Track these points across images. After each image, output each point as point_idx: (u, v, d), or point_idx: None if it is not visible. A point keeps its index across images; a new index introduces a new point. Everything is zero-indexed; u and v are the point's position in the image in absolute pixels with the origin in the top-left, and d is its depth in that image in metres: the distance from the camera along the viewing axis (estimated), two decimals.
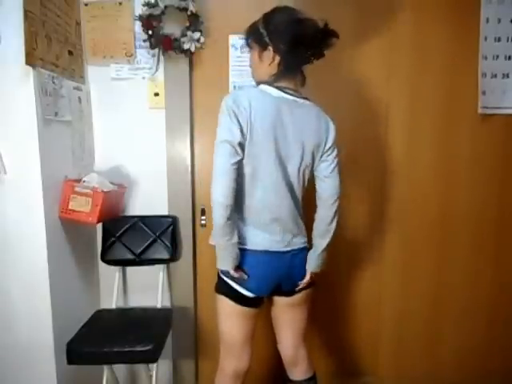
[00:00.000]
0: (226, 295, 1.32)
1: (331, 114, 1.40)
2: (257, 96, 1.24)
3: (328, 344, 2.00)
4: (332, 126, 1.35)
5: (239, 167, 1.21)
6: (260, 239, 1.28)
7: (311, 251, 1.39)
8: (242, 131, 1.19)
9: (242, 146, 1.20)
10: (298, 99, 1.29)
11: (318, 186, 1.38)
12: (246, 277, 1.27)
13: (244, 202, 1.27)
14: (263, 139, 1.22)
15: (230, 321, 1.34)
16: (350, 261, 1.93)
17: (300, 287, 1.37)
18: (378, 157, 1.87)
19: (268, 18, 1.28)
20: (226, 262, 1.25)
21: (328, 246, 1.38)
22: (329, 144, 1.34)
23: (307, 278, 1.37)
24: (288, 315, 1.42)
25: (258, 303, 1.33)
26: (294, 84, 1.30)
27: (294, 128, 1.26)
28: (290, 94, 1.28)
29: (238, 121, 1.19)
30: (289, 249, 1.32)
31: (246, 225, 1.29)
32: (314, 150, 1.31)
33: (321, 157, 1.34)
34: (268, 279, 1.30)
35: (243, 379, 1.40)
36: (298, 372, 1.46)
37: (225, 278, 1.31)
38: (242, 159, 1.21)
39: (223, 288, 1.32)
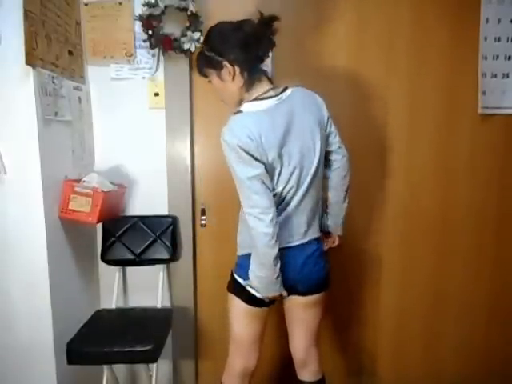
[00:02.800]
0: (238, 295, 1.31)
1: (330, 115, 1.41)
2: (250, 120, 1.19)
3: (327, 344, 1.99)
4: (319, 98, 1.34)
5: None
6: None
7: (334, 217, 1.48)
8: (259, 160, 1.17)
9: (267, 171, 1.18)
10: (280, 96, 1.25)
11: (332, 158, 1.40)
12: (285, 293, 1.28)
13: None
14: (277, 155, 1.19)
15: (241, 320, 1.34)
16: (349, 260, 1.93)
17: (328, 242, 1.48)
18: (377, 157, 1.87)
19: (207, 39, 1.30)
20: (277, 287, 1.23)
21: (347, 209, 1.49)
22: (326, 116, 1.34)
23: (336, 241, 1.51)
24: (302, 315, 1.41)
25: (270, 303, 1.32)
26: (267, 84, 1.28)
27: (296, 127, 1.24)
28: (272, 97, 1.24)
29: (250, 153, 1.15)
30: (304, 241, 1.30)
31: None
32: (320, 130, 1.29)
33: (325, 131, 1.34)
34: (284, 279, 1.26)
35: (250, 378, 1.41)
36: (307, 373, 1.46)
37: (238, 279, 1.31)
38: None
39: (236, 288, 1.32)
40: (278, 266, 1.20)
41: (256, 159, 1.16)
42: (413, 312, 1.97)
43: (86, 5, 1.74)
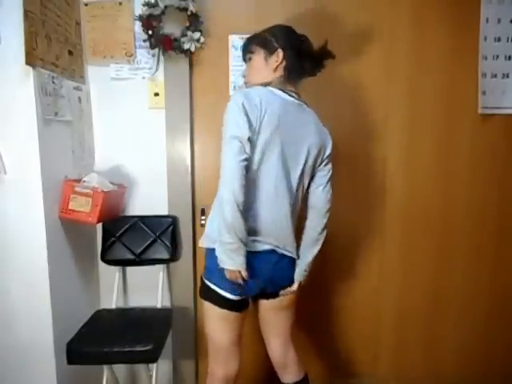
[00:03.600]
0: (211, 301, 1.29)
1: (330, 114, 1.42)
2: (267, 95, 1.24)
3: (328, 344, 1.99)
4: (329, 136, 1.39)
5: (247, 165, 1.19)
6: (250, 240, 1.25)
7: (300, 260, 1.39)
8: (251, 127, 1.18)
9: (250, 141, 1.18)
10: (301, 103, 1.32)
11: (311, 195, 1.39)
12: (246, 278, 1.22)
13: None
14: (270, 139, 1.21)
15: (217, 325, 1.32)
16: (349, 261, 1.93)
17: (284, 293, 1.36)
18: (377, 157, 1.87)
19: (273, 29, 1.34)
20: (236, 261, 1.18)
21: (317, 254, 1.39)
22: (327, 152, 1.37)
23: (295, 286, 1.37)
24: (274, 318, 1.42)
25: (243, 306, 1.32)
26: (296, 90, 1.34)
27: (300, 131, 1.28)
28: (296, 98, 1.31)
29: (248, 117, 1.18)
30: (278, 251, 1.30)
31: None
32: (316, 154, 1.32)
33: (319, 164, 1.36)
34: (252, 281, 1.26)
35: (235, 382, 1.39)
36: (288, 375, 1.45)
37: (208, 283, 1.29)
38: (250, 157, 1.19)
39: (208, 293, 1.30)
40: (241, 239, 1.17)
41: (250, 125, 1.18)
42: (413, 313, 1.97)
43: (86, 5, 1.74)
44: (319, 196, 1.38)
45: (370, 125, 1.86)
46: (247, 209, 1.22)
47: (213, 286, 1.28)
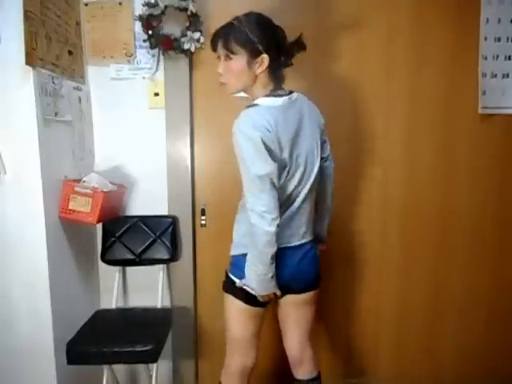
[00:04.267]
0: (235, 295, 1.31)
1: (330, 114, 1.41)
2: (267, 112, 1.20)
3: (328, 343, 2.00)
4: (318, 110, 1.40)
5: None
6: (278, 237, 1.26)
7: (322, 225, 1.50)
8: (274, 157, 1.17)
9: (278, 169, 1.19)
10: (290, 96, 1.28)
11: (325, 164, 1.43)
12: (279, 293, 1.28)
13: None
14: (288, 153, 1.21)
15: (238, 319, 1.34)
16: (350, 261, 1.93)
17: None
18: (377, 157, 1.87)
19: (252, 24, 1.23)
20: (269, 287, 1.24)
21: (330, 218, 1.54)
22: (323, 124, 1.39)
23: (324, 247, 1.54)
24: (295, 314, 1.42)
25: (267, 302, 1.32)
26: (280, 85, 1.30)
27: (304, 128, 1.28)
28: (284, 95, 1.27)
29: (268, 146, 1.15)
30: (303, 241, 1.32)
31: None
32: (320, 137, 1.35)
33: (321, 138, 1.38)
34: (279, 277, 1.27)
35: (250, 376, 1.41)
36: (302, 371, 1.46)
37: (234, 278, 1.31)
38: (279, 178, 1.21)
39: (233, 288, 1.31)
40: (274, 265, 1.21)
41: (271, 155, 1.16)
42: (413, 312, 1.97)
43: (86, 5, 1.74)
44: (328, 164, 1.45)
45: (368, 126, 1.85)
46: None
47: (238, 282, 1.29)
